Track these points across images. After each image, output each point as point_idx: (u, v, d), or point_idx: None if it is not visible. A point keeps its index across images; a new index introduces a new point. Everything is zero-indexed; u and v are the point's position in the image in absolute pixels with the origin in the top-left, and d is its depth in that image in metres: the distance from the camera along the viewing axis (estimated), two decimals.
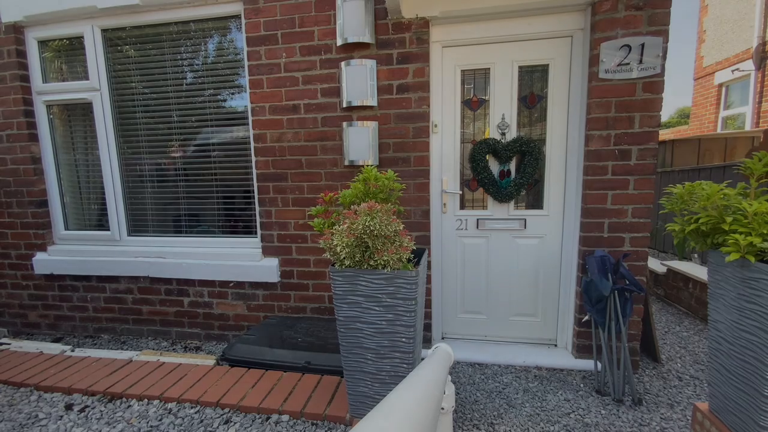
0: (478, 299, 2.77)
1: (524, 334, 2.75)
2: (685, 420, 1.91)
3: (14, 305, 3.25)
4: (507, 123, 2.61)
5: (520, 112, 2.58)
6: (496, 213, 2.67)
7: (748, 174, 1.43)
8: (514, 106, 2.56)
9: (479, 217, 2.68)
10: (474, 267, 2.74)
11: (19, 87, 2.89)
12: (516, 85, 2.54)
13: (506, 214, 2.65)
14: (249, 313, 2.87)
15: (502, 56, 2.51)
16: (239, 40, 2.71)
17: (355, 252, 1.61)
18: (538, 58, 2.48)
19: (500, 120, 2.59)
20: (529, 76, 2.56)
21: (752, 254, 1.28)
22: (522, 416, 1.98)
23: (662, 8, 2.08)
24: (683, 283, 3.33)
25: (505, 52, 2.50)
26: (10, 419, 2.01)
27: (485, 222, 2.68)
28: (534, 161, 2.53)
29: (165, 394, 2.13)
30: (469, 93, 2.64)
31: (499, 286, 2.72)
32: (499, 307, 2.75)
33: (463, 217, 2.70)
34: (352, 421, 1.88)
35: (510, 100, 2.55)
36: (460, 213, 2.71)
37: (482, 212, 2.69)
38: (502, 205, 2.65)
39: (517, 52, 2.49)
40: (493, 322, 2.78)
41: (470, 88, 2.64)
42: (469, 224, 2.70)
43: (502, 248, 2.68)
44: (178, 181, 2.98)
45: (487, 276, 2.73)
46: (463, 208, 2.72)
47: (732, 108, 7.14)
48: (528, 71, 2.54)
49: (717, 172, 4.14)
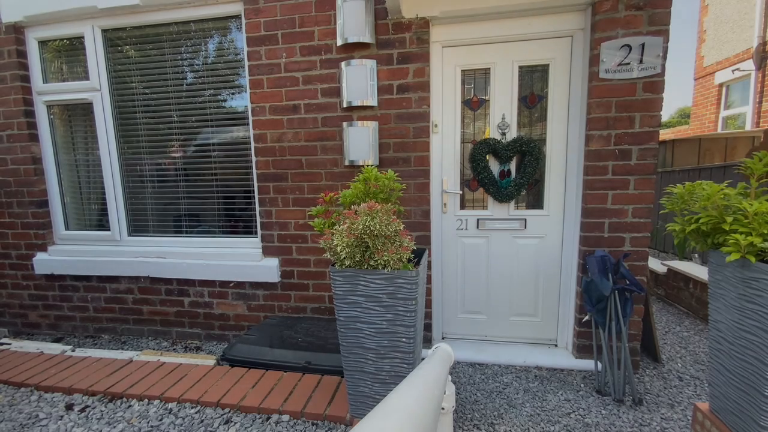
0: (478, 299, 2.77)
1: (524, 334, 2.75)
2: (686, 420, 1.91)
3: (15, 305, 3.25)
4: (507, 123, 2.61)
5: (521, 112, 2.58)
6: (497, 213, 2.67)
7: (748, 174, 1.43)
8: (514, 106, 2.56)
9: (479, 217, 2.68)
10: (474, 267, 2.74)
11: (20, 87, 2.89)
12: (516, 85, 2.54)
13: (506, 214, 2.65)
14: (249, 313, 2.87)
15: (502, 56, 2.51)
16: (239, 40, 2.71)
17: (355, 252, 1.61)
18: (539, 58, 2.48)
19: (500, 120, 2.59)
20: (530, 76, 2.56)
21: (753, 254, 1.28)
22: (522, 416, 1.98)
23: (662, 8, 2.08)
24: (684, 283, 3.33)
25: (506, 52, 2.50)
26: (11, 419, 2.01)
27: (485, 222, 2.68)
28: (534, 161, 2.53)
29: (165, 394, 2.13)
30: (470, 93, 2.64)
31: (499, 286, 2.72)
32: (500, 307, 2.75)
33: (464, 217, 2.70)
34: (353, 421, 1.88)
35: (510, 100, 2.55)
36: (461, 213, 2.71)
37: (482, 212, 2.69)
38: (502, 205, 2.65)
39: (517, 52, 2.49)
40: (494, 322, 2.78)
41: (470, 88, 2.64)
42: (470, 224, 2.70)
43: (502, 248, 2.68)
44: (178, 181, 2.99)
45: (488, 276, 2.73)
46: (463, 208, 2.72)
47: (732, 108, 7.14)
48: (528, 71, 2.54)
49: (717, 172, 4.13)
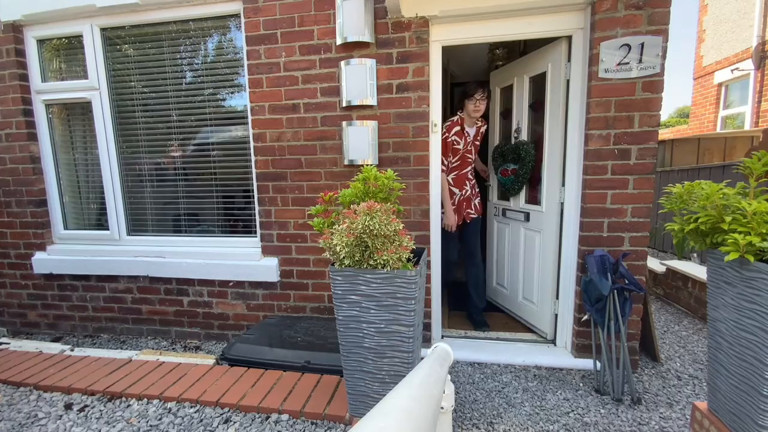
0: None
1: (524, 335, 2.75)
2: (684, 419, 1.92)
3: (13, 304, 3.25)
4: (518, 124, 2.62)
5: (530, 113, 2.60)
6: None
7: (747, 173, 1.43)
8: (525, 107, 2.57)
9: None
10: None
11: (18, 86, 2.88)
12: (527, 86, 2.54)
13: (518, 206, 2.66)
14: (248, 313, 2.87)
15: None
16: (239, 39, 2.70)
17: (354, 251, 1.61)
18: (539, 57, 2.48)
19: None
20: (536, 77, 2.56)
21: (751, 254, 1.28)
22: (521, 415, 1.98)
23: (662, 7, 2.08)
24: (682, 283, 3.34)
25: None
26: (10, 419, 2.01)
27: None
28: (531, 160, 2.54)
29: (164, 394, 2.13)
30: None
31: (511, 280, 2.73)
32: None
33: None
34: (352, 421, 1.88)
35: (522, 102, 2.56)
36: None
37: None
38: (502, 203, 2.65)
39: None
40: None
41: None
42: None
43: (512, 246, 2.69)
44: (177, 181, 2.98)
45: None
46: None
47: (731, 107, 7.14)
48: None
49: (716, 172, 4.14)
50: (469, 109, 2.73)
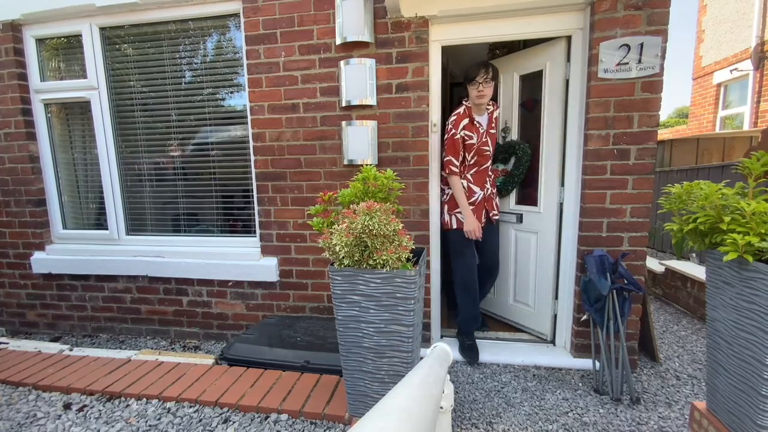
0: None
1: (523, 335, 2.75)
2: (683, 419, 1.92)
3: (12, 304, 3.24)
4: (506, 123, 2.61)
5: (521, 112, 2.59)
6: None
7: (746, 174, 1.43)
8: (515, 106, 2.56)
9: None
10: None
11: (17, 86, 2.88)
12: (516, 84, 2.54)
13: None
14: (248, 313, 2.86)
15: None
16: (238, 38, 2.70)
17: (354, 251, 1.61)
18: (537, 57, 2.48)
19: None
20: (529, 75, 2.56)
21: (750, 254, 1.28)
22: (521, 415, 1.98)
23: (661, 8, 2.08)
24: (681, 283, 3.34)
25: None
26: (9, 418, 2.01)
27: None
28: (528, 160, 2.53)
29: (164, 394, 2.12)
30: None
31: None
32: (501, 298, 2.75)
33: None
34: (351, 420, 1.88)
35: (510, 100, 2.56)
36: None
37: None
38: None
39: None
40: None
41: None
42: None
43: (501, 248, 2.69)
44: (176, 180, 2.98)
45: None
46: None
47: (730, 108, 7.15)
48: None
49: (715, 172, 4.14)
50: (472, 96, 2.38)
